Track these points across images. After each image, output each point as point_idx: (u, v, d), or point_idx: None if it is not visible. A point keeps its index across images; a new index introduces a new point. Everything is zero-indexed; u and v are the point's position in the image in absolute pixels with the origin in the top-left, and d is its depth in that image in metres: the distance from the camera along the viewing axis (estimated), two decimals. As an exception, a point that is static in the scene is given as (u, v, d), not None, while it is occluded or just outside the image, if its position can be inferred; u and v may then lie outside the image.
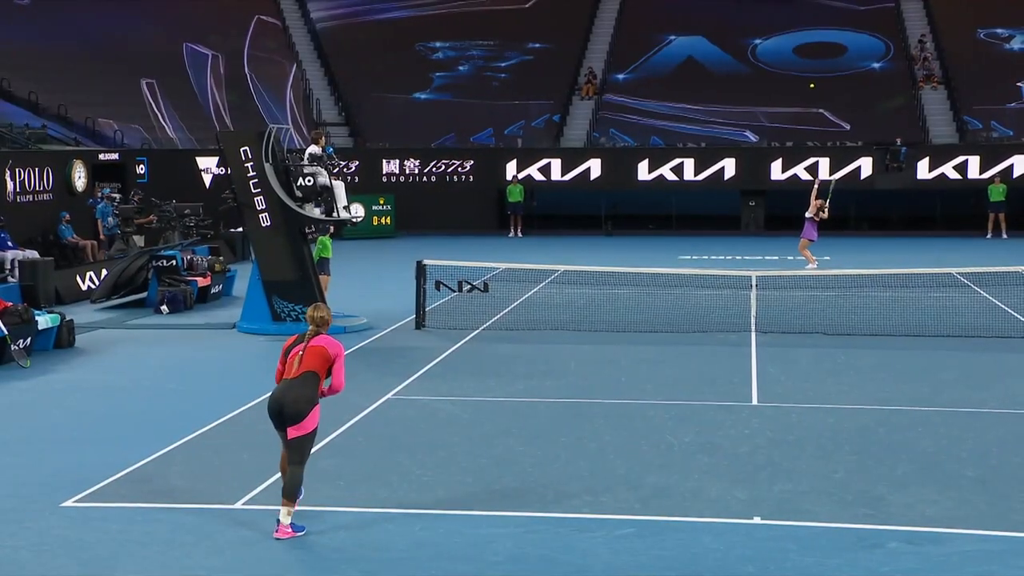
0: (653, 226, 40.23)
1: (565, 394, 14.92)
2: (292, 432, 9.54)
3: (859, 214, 39.61)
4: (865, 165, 39.03)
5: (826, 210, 27.81)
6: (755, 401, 14.54)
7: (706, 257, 31.53)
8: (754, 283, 20.79)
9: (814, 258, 28.09)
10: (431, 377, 15.96)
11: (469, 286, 22.17)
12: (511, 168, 39.99)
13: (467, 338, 18.95)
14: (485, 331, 19.68)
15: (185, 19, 46.95)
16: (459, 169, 40.51)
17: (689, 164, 39.61)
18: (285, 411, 9.50)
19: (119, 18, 45.90)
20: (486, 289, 22.43)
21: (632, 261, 28.10)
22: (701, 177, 39.56)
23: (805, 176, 38.77)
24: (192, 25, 46.74)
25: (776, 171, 39.37)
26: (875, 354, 17.56)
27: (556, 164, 40.24)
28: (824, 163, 38.97)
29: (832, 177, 28.51)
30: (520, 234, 38.95)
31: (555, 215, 40.65)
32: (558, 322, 20.34)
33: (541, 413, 13.90)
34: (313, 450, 11.87)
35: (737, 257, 31.41)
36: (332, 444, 12.24)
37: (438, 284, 21.32)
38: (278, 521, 9.53)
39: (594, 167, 40.02)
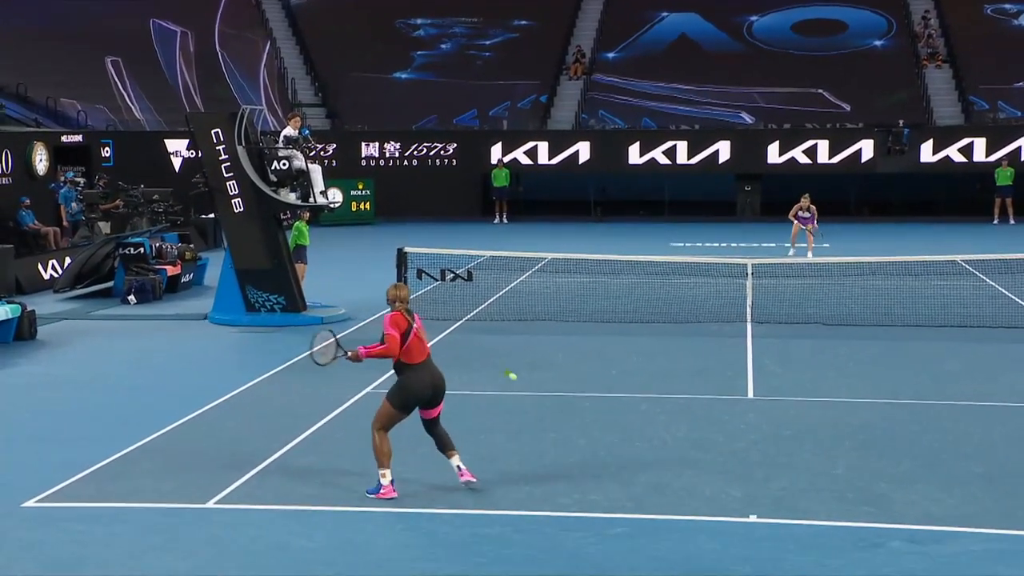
0: (644, 212, 39.93)
1: (553, 387, 14.81)
2: (439, 410, 10.49)
3: (860, 199, 39.31)
4: (866, 148, 38.52)
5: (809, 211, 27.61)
6: (751, 395, 14.42)
7: (700, 244, 31.32)
8: (750, 271, 20.74)
9: (794, 246, 27.86)
10: (413, 369, 15.61)
11: (452, 275, 22.02)
12: (496, 151, 39.60)
13: (450, 329, 18.75)
14: (469, 322, 19.52)
15: (152, -7, 46.37)
16: (442, 152, 40.11)
17: (682, 147, 39.23)
18: (440, 392, 10.41)
19: (82, -9, 45.27)
20: (470, 278, 22.33)
21: (622, 248, 27.83)
22: (695, 161, 39.21)
23: (803, 159, 38.47)
24: (159, 0, 46.04)
25: (773, 154, 38.94)
26: (876, 345, 17.47)
27: (543, 147, 39.87)
28: (823, 145, 38.60)
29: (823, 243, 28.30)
30: (506, 220, 38.66)
31: (542, 200, 40.31)
32: (545, 312, 20.19)
33: (528, 407, 13.80)
34: (289, 445, 12.16)
35: (732, 244, 31.22)
36: (310, 440, 12.32)
37: (420, 273, 21.11)
38: (459, 467, 10.40)
39: (583, 150, 39.68)
